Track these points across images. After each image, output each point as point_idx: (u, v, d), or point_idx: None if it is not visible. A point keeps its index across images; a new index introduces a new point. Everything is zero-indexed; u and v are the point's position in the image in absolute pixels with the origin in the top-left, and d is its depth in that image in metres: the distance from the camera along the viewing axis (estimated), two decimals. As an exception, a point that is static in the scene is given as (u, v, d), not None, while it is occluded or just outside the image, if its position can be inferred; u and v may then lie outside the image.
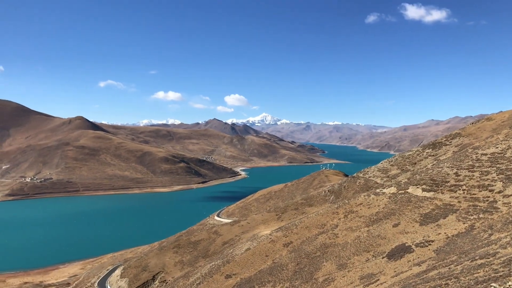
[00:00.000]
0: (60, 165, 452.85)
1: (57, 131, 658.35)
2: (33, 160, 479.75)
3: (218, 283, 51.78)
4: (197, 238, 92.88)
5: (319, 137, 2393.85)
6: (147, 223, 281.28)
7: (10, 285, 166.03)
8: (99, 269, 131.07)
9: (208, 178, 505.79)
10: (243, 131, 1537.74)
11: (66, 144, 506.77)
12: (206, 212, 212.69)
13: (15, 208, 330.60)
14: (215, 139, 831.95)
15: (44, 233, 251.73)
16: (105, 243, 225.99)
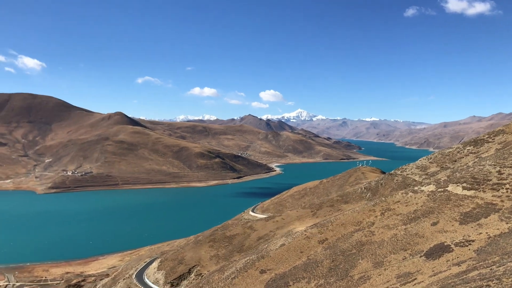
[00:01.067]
0: (100, 159, 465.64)
1: (97, 126, 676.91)
2: (74, 154, 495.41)
3: (253, 278, 52.01)
4: (232, 232, 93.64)
5: (355, 133, 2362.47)
6: (183, 217, 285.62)
7: (53, 275, 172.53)
8: (137, 261, 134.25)
9: (243, 173, 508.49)
10: (278, 127, 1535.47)
11: (106, 139, 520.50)
12: (241, 207, 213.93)
13: (57, 201, 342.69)
14: (250, 135, 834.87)
15: (85, 225, 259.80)
16: (142, 236, 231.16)
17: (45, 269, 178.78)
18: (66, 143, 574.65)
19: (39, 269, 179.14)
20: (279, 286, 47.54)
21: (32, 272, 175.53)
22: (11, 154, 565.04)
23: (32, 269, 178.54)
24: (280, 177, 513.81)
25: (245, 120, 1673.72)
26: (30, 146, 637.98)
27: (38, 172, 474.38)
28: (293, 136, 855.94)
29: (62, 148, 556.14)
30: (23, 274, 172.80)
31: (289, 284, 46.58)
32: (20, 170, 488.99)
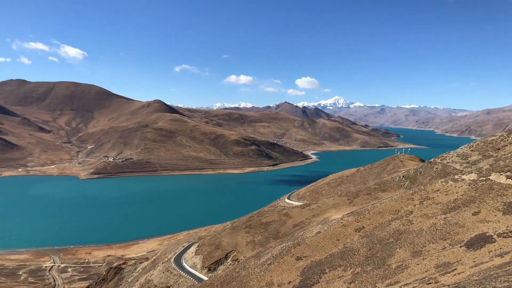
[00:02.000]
0: (140, 146, 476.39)
1: (136, 113, 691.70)
2: (115, 141, 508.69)
3: (289, 265, 52.23)
4: (268, 219, 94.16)
5: (394, 120, 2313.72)
6: (220, 203, 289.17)
7: (95, 257, 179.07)
8: (175, 245, 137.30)
9: (278, 161, 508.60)
10: (314, 115, 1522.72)
11: (145, 126, 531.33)
12: (276, 194, 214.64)
13: (99, 186, 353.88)
14: (286, 123, 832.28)
15: (125, 210, 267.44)
16: (180, 221, 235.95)
17: (88, 252, 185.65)
18: (108, 130, 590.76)
19: (82, 251, 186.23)
20: (315, 273, 47.58)
21: (76, 254, 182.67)
22: (55, 141, 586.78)
23: (76, 252, 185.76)
24: (316, 165, 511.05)
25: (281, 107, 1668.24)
26: (73, 133, 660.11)
27: (81, 158, 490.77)
28: (329, 124, 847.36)
29: (104, 135, 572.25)
30: (68, 256, 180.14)
31: (325, 272, 46.56)
32: (64, 156, 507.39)
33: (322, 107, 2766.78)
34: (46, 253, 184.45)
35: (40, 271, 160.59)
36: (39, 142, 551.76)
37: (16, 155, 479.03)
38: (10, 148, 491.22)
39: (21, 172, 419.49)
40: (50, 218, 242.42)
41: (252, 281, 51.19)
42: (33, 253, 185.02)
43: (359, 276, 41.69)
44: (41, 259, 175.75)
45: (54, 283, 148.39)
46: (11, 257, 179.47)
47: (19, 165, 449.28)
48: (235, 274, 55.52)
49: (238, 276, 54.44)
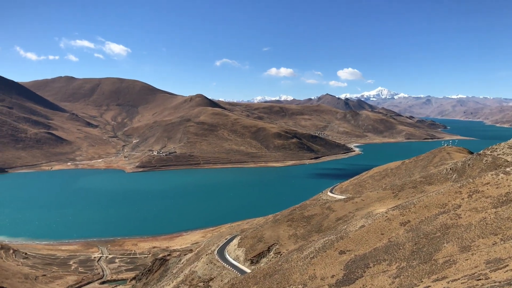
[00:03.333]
0: (183, 140, 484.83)
1: (179, 108, 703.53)
2: (159, 135, 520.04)
3: (332, 258, 51.82)
4: (310, 213, 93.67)
5: (440, 111, 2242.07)
6: (262, 196, 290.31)
7: (141, 248, 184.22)
8: (218, 237, 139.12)
9: (320, 154, 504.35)
10: (357, 106, 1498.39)
11: (188, 120, 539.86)
12: (318, 188, 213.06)
13: (144, 179, 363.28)
14: (328, 115, 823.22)
15: (170, 202, 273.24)
16: (223, 213, 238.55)
17: (134, 243, 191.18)
18: (152, 124, 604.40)
19: (128, 243, 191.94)
20: (358, 267, 47.00)
21: (123, 245, 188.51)
22: (102, 135, 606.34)
23: (123, 243, 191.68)
24: (359, 158, 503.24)
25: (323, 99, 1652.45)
26: (119, 127, 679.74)
27: (126, 152, 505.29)
28: (373, 115, 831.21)
29: (148, 129, 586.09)
30: (115, 247, 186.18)
31: (369, 266, 45.87)
32: (111, 150, 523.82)
33: (365, 98, 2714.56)
34: (95, 244, 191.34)
35: (89, 261, 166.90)
36: (86, 137, 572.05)
37: (66, 149, 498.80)
38: (59, 142, 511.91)
39: (70, 165, 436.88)
40: (98, 210, 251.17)
41: (295, 274, 51.15)
42: (83, 244, 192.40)
43: (405, 271, 40.82)
44: (90, 250, 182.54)
45: (102, 273, 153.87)
46: (62, 247, 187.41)
47: (68, 159, 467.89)
48: (278, 267, 55.62)
49: (280, 269, 54.52)
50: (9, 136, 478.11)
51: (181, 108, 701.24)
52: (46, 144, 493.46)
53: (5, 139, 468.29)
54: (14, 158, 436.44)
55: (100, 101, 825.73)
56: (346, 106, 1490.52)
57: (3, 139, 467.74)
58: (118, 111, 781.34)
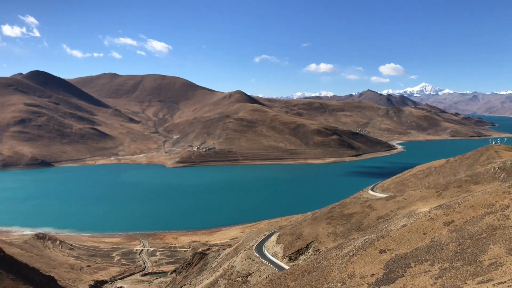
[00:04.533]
0: (222, 136, 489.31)
1: (218, 104, 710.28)
2: (199, 131, 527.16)
3: (372, 257, 50.99)
4: (350, 211, 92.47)
5: (488, 108, 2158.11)
6: (300, 193, 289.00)
7: (181, 242, 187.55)
8: (256, 233, 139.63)
9: (361, 151, 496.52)
10: (399, 103, 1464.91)
11: (227, 116, 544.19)
12: (359, 186, 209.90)
13: (184, 174, 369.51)
14: (369, 111, 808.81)
15: (209, 197, 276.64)
16: (261, 210, 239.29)
17: (175, 237, 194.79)
18: (192, 120, 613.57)
19: (169, 236, 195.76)
20: (399, 266, 45.97)
21: (164, 239, 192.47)
22: (144, 131, 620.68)
23: (164, 237, 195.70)
24: (402, 155, 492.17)
25: (364, 95, 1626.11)
26: (160, 123, 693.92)
27: (167, 148, 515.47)
28: (416, 112, 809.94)
29: (188, 125, 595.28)
30: (156, 240, 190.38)
31: (410, 266, 44.77)
32: (152, 146, 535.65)
33: (408, 94, 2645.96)
34: (137, 237, 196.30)
35: (131, 254, 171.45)
36: (129, 132, 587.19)
37: (109, 145, 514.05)
38: (103, 138, 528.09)
39: (113, 160, 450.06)
40: (139, 204, 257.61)
41: (333, 272, 50.65)
42: (125, 236, 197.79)
43: (448, 272, 39.60)
44: (132, 243, 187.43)
45: (144, 265, 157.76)
46: (106, 240, 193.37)
47: (111, 153, 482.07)
48: (317, 264, 55.24)
49: (319, 266, 54.11)
50: (56, 131, 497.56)
51: (220, 104, 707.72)
52: (91, 139, 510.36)
53: (52, 134, 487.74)
54: (60, 153, 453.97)
55: (142, 97, 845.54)
56: (388, 102, 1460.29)
57: (50, 134, 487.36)
58: (160, 107, 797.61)
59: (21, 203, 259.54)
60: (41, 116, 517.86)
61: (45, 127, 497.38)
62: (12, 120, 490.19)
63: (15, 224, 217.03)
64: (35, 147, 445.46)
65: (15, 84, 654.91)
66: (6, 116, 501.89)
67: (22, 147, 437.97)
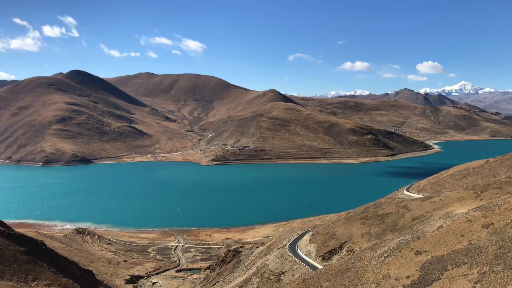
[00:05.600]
0: (255, 135, 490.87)
1: (252, 103, 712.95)
2: (233, 130, 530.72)
3: (407, 259, 50.31)
4: (385, 211, 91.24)
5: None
6: (334, 192, 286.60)
7: (215, 239, 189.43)
8: (289, 232, 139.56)
9: (397, 151, 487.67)
10: (437, 102, 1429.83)
11: (260, 115, 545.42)
12: (394, 186, 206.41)
13: (219, 172, 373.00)
14: (406, 110, 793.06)
15: (242, 195, 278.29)
16: (294, 208, 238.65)
17: (209, 234, 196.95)
18: (226, 119, 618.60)
19: (203, 233, 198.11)
20: (436, 269, 45.17)
21: (198, 235, 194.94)
22: (179, 129, 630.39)
23: (198, 233, 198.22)
24: (439, 156, 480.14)
25: (400, 94, 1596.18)
26: (195, 122, 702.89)
27: (202, 146, 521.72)
28: (454, 111, 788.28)
29: (222, 124, 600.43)
30: (190, 237, 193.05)
31: (447, 268, 43.92)
32: (187, 144, 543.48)
33: (446, 93, 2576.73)
34: (172, 233, 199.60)
35: (167, 250, 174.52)
36: (165, 131, 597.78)
37: (146, 142, 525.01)
38: (140, 136, 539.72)
39: (150, 158, 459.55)
40: (175, 201, 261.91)
41: (368, 273, 50.26)
42: (161, 232, 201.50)
43: (487, 276, 38.65)
44: (167, 239, 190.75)
45: (178, 261, 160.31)
46: (142, 235, 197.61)
47: (148, 151, 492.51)
48: (350, 264, 54.93)
49: (353, 267, 53.80)
50: (95, 129, 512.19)
51: (254, 103, 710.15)
52: (128, 137, 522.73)
53: (92, 132, 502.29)
54: (100, 150, 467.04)
55: (178, 96, 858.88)
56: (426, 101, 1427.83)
57: (90, 132, 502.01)
58: (195, 106, 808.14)
59: (62, 199, 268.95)
60: (81, 115, 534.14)
61: (85, 125, 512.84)
62: (54, 118, 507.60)
63: (57, 218, 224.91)
64: (76, 145, 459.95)
65: (56, 84, 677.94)
66: (48, 114, 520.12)
67: (63, 144, 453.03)
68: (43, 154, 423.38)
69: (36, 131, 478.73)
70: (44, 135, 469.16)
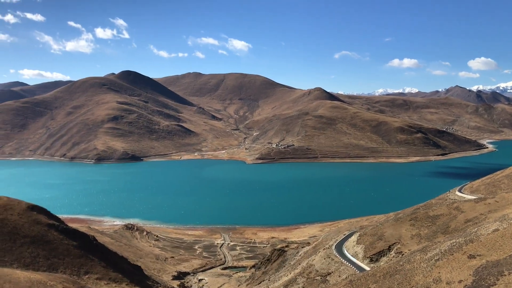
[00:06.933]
0: (301, 133, 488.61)
1: (298, 102, 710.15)
2: (278, 129, 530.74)
3: (460, 262, 48.44)
4: (435, 212, 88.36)
5: None
6: (382, 192, 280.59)
7: (260, 238, 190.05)
8: (336, 233, 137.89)
9: (448, 150, 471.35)
10: (491, 99, 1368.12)
11: (306, 114, 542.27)
12: (445, 186, 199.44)
13: (264, 170, 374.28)
14: (457, 108, 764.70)
15: (288, 194, 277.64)
16: (341, 208, 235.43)
17: (254, 232, 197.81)
18: (271, 118, 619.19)
19: (249, 232, 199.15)
20: (491, 274, 43.23)
21: (243, 234, 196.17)
22: (225, 128, 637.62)
23: (243, 232, 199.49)
24: (493, 155, 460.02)
25: (451, 92, 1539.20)
26: (241, 120, 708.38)
27: (247, 144, 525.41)
28: (510, 109, 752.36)
29: (268, 123, 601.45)
30: (236, 235, 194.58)
31: (503, 274, 41.96)
32: (233, 142, 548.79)
33: (501, 90, 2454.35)
34: (218, 231, 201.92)
35: (213, 247, 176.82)
36: (211, 129, 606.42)
37: (193, 141, 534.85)
38: (188, 134, 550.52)
39: (197, 156, 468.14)
40: (220, 199, 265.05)
41: (417, 276, 48.87)
42: (207, 230, 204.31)
43: (548, 284, 36.60)
44: (213, 236, 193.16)
45: (224, 259, 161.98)
46: (189, 232, 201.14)
47: (195, 149, 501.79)
48: (399, 267, 53.59)
49: (402, 269, 52.46)
50: (145, 128, 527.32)
51: (299, 101, 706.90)
52: (176, 136, 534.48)
53: (142, 130, 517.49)
54: (149, 148, 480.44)
55: (224, 95, 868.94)
56: (478, 98, 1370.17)
57: (140, 130, 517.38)
58: (240, 104, 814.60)
59: (112, 195, 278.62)
60: (131, 114, 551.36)
61: (135, 124, 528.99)
62: (106, 117, 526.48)
63: (107, 214, 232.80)
64: (126, 143, 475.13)
65: (108, 84, 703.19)
66: (101, 113, 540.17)
67: (114, 142, 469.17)
68: (96, 152, 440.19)
69: (89, 130, 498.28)
70: (97, 133, 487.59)
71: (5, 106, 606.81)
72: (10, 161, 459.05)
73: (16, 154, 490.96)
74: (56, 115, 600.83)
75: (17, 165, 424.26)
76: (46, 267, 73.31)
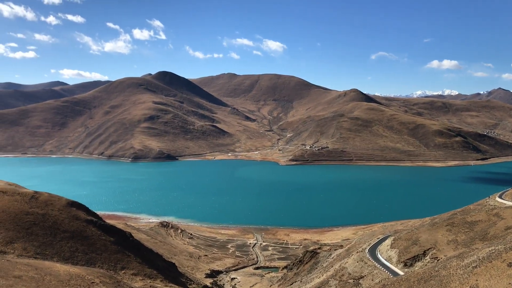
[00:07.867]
0: (335, 135, 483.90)
1: (333, 103, 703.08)
2: (312, 130, 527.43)
3: (499, 270, 46.92)
4: (474, 218, 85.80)
5: None
6: (418, 197, 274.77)
7: (292, 239, 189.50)
8: (369, 236, 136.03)
9: (488, 155, 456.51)
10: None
11: (341, 115, 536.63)
12: (484, 192, 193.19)
13: (297, 172, 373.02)
14: (500, 112, 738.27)
15: (321, 196, 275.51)
16: (375, 212, 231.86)
17: (286, 234, 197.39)
18: (305, 119, 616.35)
19: (281, 232, 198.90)
20: (532, 284, 41.70)
21: (276, 235, 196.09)
22: (259, 129, 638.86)
23: (276, 232, 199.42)
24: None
25: (494, 94, 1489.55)
26: (275, 121, 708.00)
27: (281, 146, 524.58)
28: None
29: (302, 124, 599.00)
30: (268, 235, 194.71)
31: (545, 284, 40.42)
32: (266, 143, 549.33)
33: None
34: (250, 230, 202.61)
35: (245, 247, 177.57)
36: (245, 130, 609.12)
37: (227, 141, 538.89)
38: (222, 134, 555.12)
39: (230, 156, 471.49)
40: (253, 199, 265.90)
41: (453, 283, 47.63)
42: (240, 229, 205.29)
43: None
44: (245, 236, 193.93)
45: (256, 259, 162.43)
46: (222, 231, 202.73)
47: (229, 150, 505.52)
48: (434, 272, 52.37)
49: (437, 275, 51.25)
50: (180, 128, 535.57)
51: (334, 103, 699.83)
52: (210, 136, 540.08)
53: (177, 130, 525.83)
54: (183, 148, 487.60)
55: (258, 96, 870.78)
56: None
57: (175, 130, 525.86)
58: (274, 105, 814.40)
59: (148, 193, 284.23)
60: (167, 114, 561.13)
61: (170, 123, 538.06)
62: (143, 117, 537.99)
63: (143, 212, 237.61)
64: (162, 142, 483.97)
65: (145, 84, 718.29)
66: (138, 113, 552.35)
67: (150, 141, 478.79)
68: (132, 151, 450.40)
69: (126, 129, 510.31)
70: (134, 132, 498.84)
71: (46, 105, 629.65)
72: (51, 158, 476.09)
73: (56, 152, 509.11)
74: (95, 114, 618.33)
75: (57, 163, 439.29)
76: (84, 261, 75.52)
